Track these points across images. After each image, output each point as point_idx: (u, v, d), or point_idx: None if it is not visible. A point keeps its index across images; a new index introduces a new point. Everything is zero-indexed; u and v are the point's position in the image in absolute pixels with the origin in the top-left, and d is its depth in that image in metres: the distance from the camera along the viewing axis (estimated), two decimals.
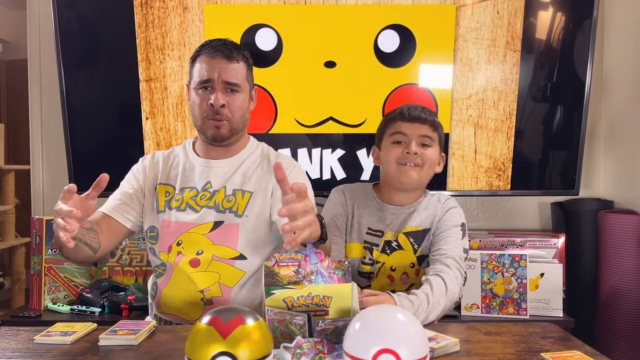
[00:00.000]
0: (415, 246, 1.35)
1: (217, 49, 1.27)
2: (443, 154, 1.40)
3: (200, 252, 1.26)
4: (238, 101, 1.29)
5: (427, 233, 1.35)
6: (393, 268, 1.36)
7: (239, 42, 1.86)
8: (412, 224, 1.36)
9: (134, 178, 1.35)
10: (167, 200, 1.31)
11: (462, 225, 1.34)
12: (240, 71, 1.29)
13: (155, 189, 1.32)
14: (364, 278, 1.37)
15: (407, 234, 1.35)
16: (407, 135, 1.31)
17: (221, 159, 1.34)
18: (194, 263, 1.26)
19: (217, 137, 1.29)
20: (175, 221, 1.28)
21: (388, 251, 1.36)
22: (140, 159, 1.40)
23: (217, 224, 1.26)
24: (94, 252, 1.22)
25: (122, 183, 1.36)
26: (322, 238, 1.02)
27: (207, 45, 1.30)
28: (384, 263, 1.36)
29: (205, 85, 1.27)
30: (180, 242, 1.27)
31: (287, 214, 0.87)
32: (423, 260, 1.35)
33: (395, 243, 1.36)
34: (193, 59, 1.32)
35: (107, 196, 1.34)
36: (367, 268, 1.37)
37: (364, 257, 1.37)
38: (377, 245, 1.36)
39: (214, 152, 1.34)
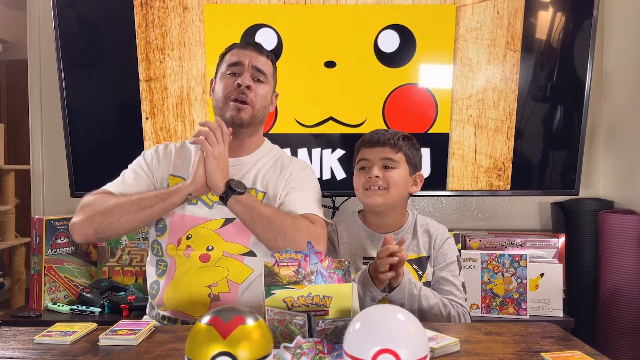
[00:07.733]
0: (420, 272, 1.32)
1: (249, 44, 1.36)
2: (421, 173, 1.37)
3: (210, 247, 1.25)
4: (263, 90, 1.33)
5: (427, 260, 1.33)
6: None
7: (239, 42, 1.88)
8: (409, 252, 1.32)
9: (145, 164, 1.34)
10: None
11: (457, 258, 1.34)
12: (268, 65, 1.35)
13: (167, 178, 1.32)
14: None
15: (410, 262, 1.31)
16: (369, 160, 1.31)
17: (234, 157, 1.33)
18: (204, 258, 1.25)
19: (237, 120, 1.29)
20: (187, 215, 1.27)
21: None
22: (153, 148, 1.38)
23: (228, 221, 1.25)
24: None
25: (132, 168, 1.34)
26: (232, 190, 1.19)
27: (238, 43, 1.38)
28: None
29: (234, 70, 1.31)
30: (189, 235, 1.26)
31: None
32: (429, 286, 1.30)
33: None
34: (222, 55, 1.38)
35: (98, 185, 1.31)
36: None
37: None
38: None
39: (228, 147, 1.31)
